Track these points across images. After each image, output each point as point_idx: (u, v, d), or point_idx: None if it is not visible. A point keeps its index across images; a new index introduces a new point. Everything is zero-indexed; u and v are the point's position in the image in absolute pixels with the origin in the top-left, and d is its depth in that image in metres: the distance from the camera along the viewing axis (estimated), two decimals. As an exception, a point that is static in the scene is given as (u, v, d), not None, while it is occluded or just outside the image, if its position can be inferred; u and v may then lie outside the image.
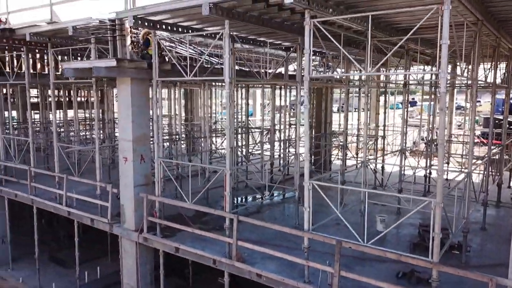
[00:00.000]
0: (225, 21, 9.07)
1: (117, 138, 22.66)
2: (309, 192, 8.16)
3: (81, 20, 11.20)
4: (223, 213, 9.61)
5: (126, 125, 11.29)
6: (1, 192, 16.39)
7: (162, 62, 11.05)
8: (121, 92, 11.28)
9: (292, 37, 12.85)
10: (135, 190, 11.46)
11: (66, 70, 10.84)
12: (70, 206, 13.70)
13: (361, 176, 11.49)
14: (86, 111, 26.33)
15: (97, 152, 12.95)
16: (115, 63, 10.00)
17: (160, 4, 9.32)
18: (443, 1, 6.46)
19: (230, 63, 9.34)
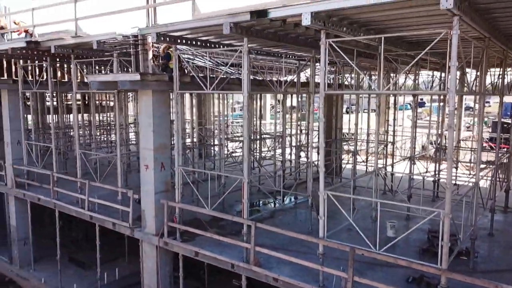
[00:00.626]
0: (244, 39, 9.60)
1: (131, 141, 23.40)
2: (324, 202, 8.65)
3: (105, 34, 11.79)
4: (242, 220, 10.14)
5: (147, 135, 11.87)
6: (24, 196, 17.09)
7: (182, 75, 11.60)
8: (142, 103, 11.86)
9: (305, 49, 13.32)
10: (155, 197, 12.04)
11: (92, 82, 11.44)
12: (92, 210, 14.30)
13: (371, 181, 11.91)
14: (100, 114, 27.03)
15: (118, 159, 13.54)
16: (139, 77, 10.57)
17: (183, 22, 9.86)
18: (452, 26, 6.90)
19: (248, 78, 9.85)
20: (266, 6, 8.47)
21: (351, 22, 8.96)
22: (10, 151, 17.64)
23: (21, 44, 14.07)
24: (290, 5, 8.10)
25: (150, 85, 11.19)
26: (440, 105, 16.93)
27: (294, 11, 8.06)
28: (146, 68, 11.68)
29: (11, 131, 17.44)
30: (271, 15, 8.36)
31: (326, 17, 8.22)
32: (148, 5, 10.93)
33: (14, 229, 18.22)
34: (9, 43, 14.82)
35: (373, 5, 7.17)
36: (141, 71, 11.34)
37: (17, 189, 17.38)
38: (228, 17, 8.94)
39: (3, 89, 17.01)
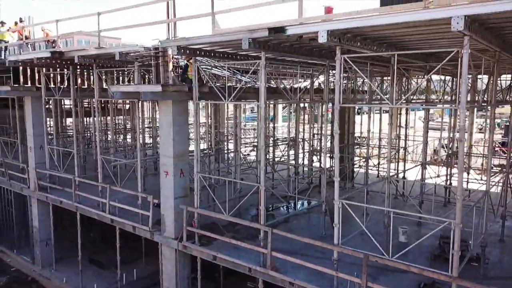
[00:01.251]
0: (262, 53, 10.02)
1: (147, 146, 24.00)
2: (339, 211, 9.03)
3: (127, 46, 12.34)
4: (259, 226, 10.56)
5: (167, 143, 12.37)
6: (47, 198, 17.75)
7: (200, 85, 12.06)
8: (163, 112, 12.36)
9: (319, 59, 13.69)
10: (175, 202, 12.54)
11: (115, 93, 11.98)
12: (113, 213, 14.86)
13: (384, 186, 12.22)
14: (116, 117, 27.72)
15: (138, 165, 14.07)
16: (160, 89, 11.07)
17: (203, 36, 10.32)
18: (463, 45, 7.24)
19: (265, 90, 10.27)
20: (283, 23, 8.87)
21: (364, 37, 9.32)
22: (33, 155, 18.32)
23: (46, 54, 14.71)
24: (307, 23, 8.51)
25: (171, 95, 11.68)
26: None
27: (311, 29, 8.46)
28: (166, 78, 12.18)
29: (34, 136, 18.12)
30: (289, 32, 8.76)
31: (341, 34, 8.60)
32: (169, 20, 11.41)
33: (36, 230, 18.91)
34: (34, 52, 15.47)
35: (388, 25, 7.53)
36: (162, 82, 11.84)
37: (40, 192, 18.05)
38: (247, 33, 9.37)
39: (27, 96, 17.68)
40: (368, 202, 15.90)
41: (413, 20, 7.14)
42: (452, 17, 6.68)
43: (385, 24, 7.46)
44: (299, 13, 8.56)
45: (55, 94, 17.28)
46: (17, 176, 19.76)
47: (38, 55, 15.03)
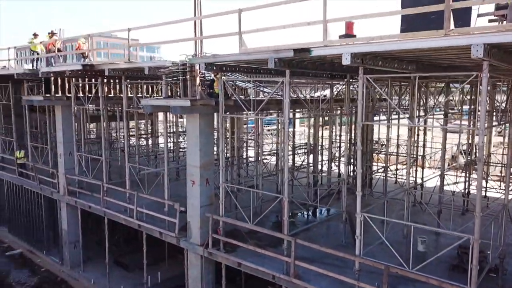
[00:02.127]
0: (286, 71, 10.50)
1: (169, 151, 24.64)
2: (361, 223, 9.45)
3: (156, 61, 12.96)
4: (283, 236, 11.05)
5: (194, 153, 12.96)
6: (75, 203, 18.57)
7: (226, 99, 12.60)
8: (190, 124, 12.95)
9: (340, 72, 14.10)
10: (201, 210, 13.12)
11: (146, 106, 12.63)
12: (140, 219, 15.53)
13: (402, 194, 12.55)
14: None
15: (166, 174, 14.70)
16: (189, 103, 11.66)
17: (231, 54, 10.84)
18: (482, 70, 7.59)
19: (288, 106, 10.75)
20: (308, 44, 9.33)
21: (385, 57, 9.72)
22: (62, 161, 19.17)
23: (78, 67, 15.47)
24: (331, 46, 8.95)
25: (198, 109, 12.26)
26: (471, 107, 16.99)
27: (335, 51, 8.91)
28: (193, 92, 12.75)
29: (64, 143, 18.96)
30: (314, 53, 9.22)
31: (364, 55, 9.02)
32: (197, 37, 11.99)
33: (65, 232, 19.76)
34: (67, 65, 16.28)
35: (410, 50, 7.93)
36: (190, 96, 12.42)
37: (69, 197, 18.87)
38: (273, 53, 9.86)
39: (58, 105, 18.52)
40: (387, 210, 16.30)
41: (434, 46, 7.53)
42: (472, 44, 7.04)
43: (408, 49, 7.86)
44: (324, 35, 8.99)
45: (84, 103, 18.06)
46: (46, 181, 20.65)
47: (70, 67, 15.82)
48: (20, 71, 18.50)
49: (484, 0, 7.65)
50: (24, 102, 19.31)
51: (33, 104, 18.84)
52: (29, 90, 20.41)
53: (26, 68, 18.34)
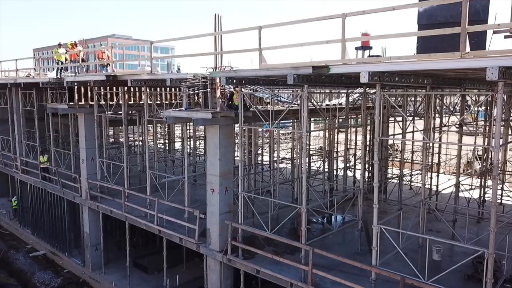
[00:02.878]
0: (305, 86, 10.86)
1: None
2: (377, 235, 9.76)
3: (178, 74, 13.45)
4: (301, 245, 11.41)
5: (214, 163, 13.40)
6: (97, 207, 19.21)
7: (245, 111, 13.01)
8: (210, 135, 13.40)
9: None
10: (220, 217, 13.56)
11: (168, 118, 13.12)
12: (160, 224, 16.04)
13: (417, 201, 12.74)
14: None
15: (186, 181, 15.18)
16: (210, 116, 12.11)
17: (250, 70, 11.28)
18: (497, 90, 7.84)
19: (306, 119, 11.10)
20: (327, 62, 9.67)
21: (402, 74, 10.00)
22: (85, 166, 19.83)
23: (102, 77, 16.07)
24: (350, 64, 9.27)
25: (219, 121, 12.69)
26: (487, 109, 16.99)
27: (353, 69, 9.24)
28: (214, 104, 13.21)
29: (86, 149, 19.61)
30: (332, 71, 9.56)
31: (381, 73, 9.32)
32: (218, 52, 12.42)
33: (87, 235, 20.42)
34: (91, 75, 16.87)
35: (427, 70, 8.22)
36: (210, 107, 12.87)
37: (91, 201, 19.52)
38: (292, 69, 10.23)
39: (81, 113, 19.17)
40: (402, 218, 16.49)
41: (450, 67, 7.82)
42: (487, 67, 7.30)
43: (425, 69, 8.15)
44: (342, 54, 9.32)
45: (106, 111, 18.67)
46: (68, 185, 21.36)
47: (94, 78, 16.42)
48: (46, 80, 19.21)
49: (500, 25, 7.88)
50: (49, 110, 20.03)
51: (58, 112, 19.53)
52: (52, 97, 21.12)
53: (52, 77, 19.02)
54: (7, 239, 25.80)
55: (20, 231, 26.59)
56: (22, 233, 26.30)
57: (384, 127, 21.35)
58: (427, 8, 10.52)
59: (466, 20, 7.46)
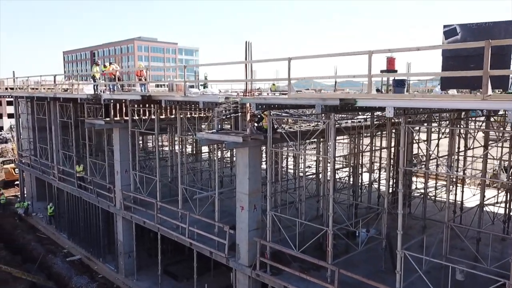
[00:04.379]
0: (332, 115, 11.42)
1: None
2: (401, 260, 10.24)
3: (210, 97, 14.21)
4: (327, 265, 11.99)
5: (243, 181, 14.12)
6: (131, 218, 20.25)
7: (273, 133, 13.66)
8: (240, 155, 14.12)
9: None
10: (249, 234, 14.26)
11: (201, 140, 13.93)
12: (191, 237, 16.86)
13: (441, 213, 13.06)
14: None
15: (216, 197, 15.95)
16: (241, 140, 12.82)
17: (280, 98, 11.97)
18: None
19: (334, 145, 11.65)
20: (353, 96, 10.22)
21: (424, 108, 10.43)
22: (119, 178, 20.91)
23: (137, 97, 17.03)
24: (376, 99, 9.79)
25: (249, 143, 13.39)
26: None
27: (379, 103, 9.75)
28: (244, 126, 13.92)
29: (121, 161, 20.67)
30: (358, 104, 10.09)
31: (406, 108, 9.80)
32: (249, 79, 13.12)
33: (120, 243, 21.52)
34: (127, 94, 17.92)
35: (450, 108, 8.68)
36: (241, 130, 13.58)
37: (125, 211, 20.58)
38: (320, 100, 10.81)
39: (116, 127, 20.24)
40: (425, 232, 16.80)
41: (473, 107, 8.25)
42: (507, 110, 7.72)
43: (449, 108, 8.61)
44: (368, 88, 9.84)
45: (139, 126, 19.66)
46: (103, 194, 22.52)
47: (130, 97, 17.42)
48: (83, 96, 20.35)
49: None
50: (87, 125, 21.20)
51: (95, 127, 20.67)
52: (89, 110, 22.25)
53: (89, 94, 20.14)
54: (45, 243, 27.27)
55: (56, 236, 28.06)
56: (58, 238, 27.76)
57: (408, 148, 21.61)
58: (451, 40, 10.95)
59: (488, 65, 7.88)
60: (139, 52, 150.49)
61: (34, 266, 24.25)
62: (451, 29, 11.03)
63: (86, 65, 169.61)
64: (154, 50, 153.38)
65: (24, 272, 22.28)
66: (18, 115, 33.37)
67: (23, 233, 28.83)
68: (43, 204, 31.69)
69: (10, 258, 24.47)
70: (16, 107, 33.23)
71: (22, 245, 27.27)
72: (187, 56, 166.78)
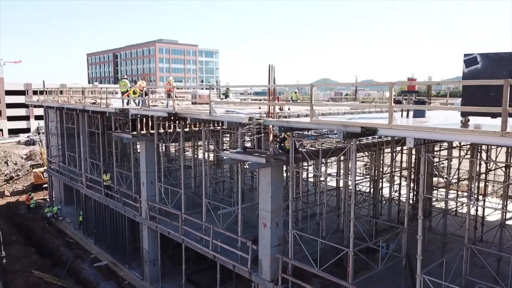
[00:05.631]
0: (353, 140, 11.77)
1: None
2: (421, 284, 10.52)
3: (234, 117, 14.73)
4: (348, 285, 12.34)
5: (266, 199, 14.59)
6: (156, 228, 20.99)
7: (295, 153, 14.08)
8: (263, 175, 14.59)
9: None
10: (271, 250, 14.72)
11: (226, 159, 14.48)
12: (215, 250, 17.42)
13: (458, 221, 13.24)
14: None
15: (239, 213, 16.46)
16: (264, 161, 13.30)
17: (303, 122, 12.34)
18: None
19: (355, 168, 11.99)
20: (374, 125, 10.55)
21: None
22: (145, 189, 21.68)
23: (164, 114, 17.70)
24: (397, 129, 10.09)
25: (271, 164, 13.85)
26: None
27: (400, 133, 10.07)
28: (266, 146, 14.39)
29: (146, 173, 21.44)
30: (380, 133, 10.43)
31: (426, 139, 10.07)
32: (272, 103, 13.58)
33: (145, 252, 22.30)
34: (154, 111, 18.57)
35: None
36: (264, 151, 14.05)
37: (151, 221, 21.34)
38: (341, 126, 11.18)
39: (142, 141, 21.01)
40: (445, 248, 16.91)
41: (491, 143, 8.50)
42: (527, 148, 7.94)
43: (469, 141, 8.87)
44: (390, 119, 10.15)
45: (165, 140, 20.39)
46: (129, 203, 23.36)
47: (157, 113, 18.12)
48: (112, 110, 21.20)
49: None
50: (115, 138, 22.07)
51: (123, 141, 21.50)
52: (116, 122, 23.11)
53: (117, 108, 20.97)
54: (73, 248, 28.39)
55: (84, 241, 29.17)
56: (86, 243, 28.85)
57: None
58: (471, 69, 11.16)
59: (507, 103, 8.12)
60: (160, 54, 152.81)
61: (63, 271, 25.36)
62: (471, 58, 11.22)
63: (109, 67, 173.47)
64: (175, 52, 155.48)
65: (54, 277, 23.32)
66: (48, 123, 34.72)
67: (53, 238, 30.06)
68: (71, 208, 32.96)
69: (41, 262, 25.62)
70: (46, 116, 34.59)
71: (51, 249, 28.45)
72: (207, 58, 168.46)
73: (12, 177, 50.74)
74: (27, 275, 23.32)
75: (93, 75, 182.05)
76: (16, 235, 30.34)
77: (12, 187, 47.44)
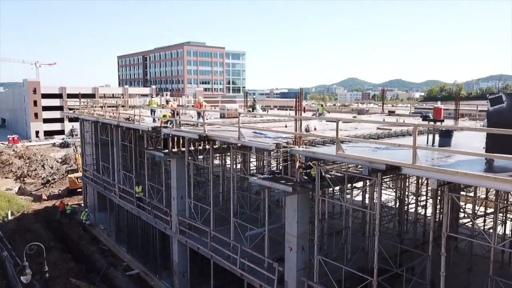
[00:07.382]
0: (378, 175, 12.12)
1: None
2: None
3: (262, 143, 15.32)
4: (371, 314, 12.70)
5: (292, 224, 15.11)
6: (186, 242, 21.85)
7: (321, 181, 14.51)
8: (289, 201, 15.12)
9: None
10: (297, 273, 15.22)
11: (254, 184, 15.10)
12: (242, 268, 18.07)
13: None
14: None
15: (266, 234, 17.04)
16: (291, 189, 13.82)
17: (328, 154, 12.78)
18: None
19: (380, 204, 12.34)
20: (399, 163, 10.88)
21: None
22: (175, 203, 22.59)
23: (195, 136, 18.51)
24: (421, 169, 10.41)
25: (297, 191, 14.35)
26: None
27: (424, 174, 10.39)
28: (293, 173, 14.90)
29: (177, 188, 22.33)
30: (404, 171, 10.77)
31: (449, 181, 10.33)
32: (295, 132, 14.09)
33: (175, 264, 23.23)
34: (186, 132, 19.38)
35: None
36: (290, 177, 14.57)
37: (180, 235, 22.22)
38: (367, 162, 11.57)
39: (173, 158, 21.91)
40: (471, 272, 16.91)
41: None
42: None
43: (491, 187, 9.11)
44: (413, 159, 10.47)
45: (195, 157, 21.20)
46: (160, 216, 24.34)
47: (188, 135, 18.96)
48: (145, 128, 22.21)
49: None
50: (147, 155, 23.10)
51: (155, 158, 22.48)
52: (148, 139, 24.11)
53: (150, 126, 21.96)
54: (106, 255, 29.73)
55: (116, 248, 30.48)
56: (118, 250, 30.14)
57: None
58: (496, 108, 11.33)
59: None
60: (188, 57, 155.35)
61: (97, 277, 26.65)
62: (496, 97, 11.42)
63: (139, 69, 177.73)
64: (202, 54, 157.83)
65: (90, 285, 24.60)
66: (83, 133, 36.34)
67: (87, 244, 31.55)
68: (105, 215, 34.41)
69: (77, 269, 27.00)
70: (82, 127, 36.23)
71: (86, 256, 29.89)
72: (234, 60, 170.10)
73: (49, 180, 53.21)
74: (64, 282, 24.72)
75: (123, 77, 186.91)
76: (54, 241, 31.98)
77: (48, 191, 49.76)
